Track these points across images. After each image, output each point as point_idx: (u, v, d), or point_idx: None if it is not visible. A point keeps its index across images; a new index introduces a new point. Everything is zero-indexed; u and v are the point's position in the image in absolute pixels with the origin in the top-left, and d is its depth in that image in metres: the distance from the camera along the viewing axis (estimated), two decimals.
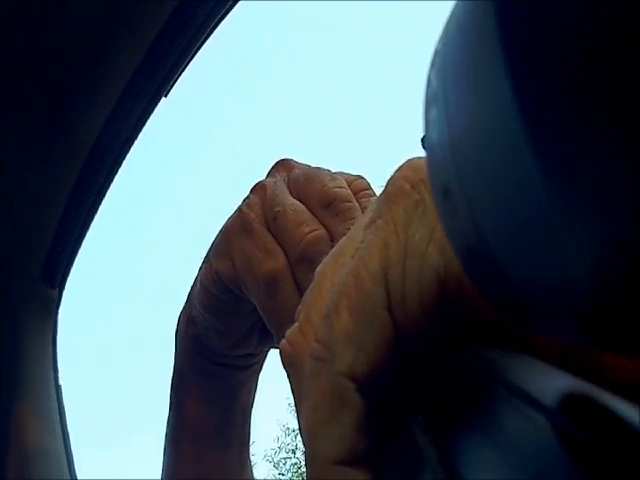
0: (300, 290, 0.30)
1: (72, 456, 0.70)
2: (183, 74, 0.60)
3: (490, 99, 0.09)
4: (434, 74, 0.11)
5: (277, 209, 0.31)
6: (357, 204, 0.31)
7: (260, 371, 0.38)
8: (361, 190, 0.32)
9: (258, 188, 0.33)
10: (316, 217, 0.31)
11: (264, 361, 0.38)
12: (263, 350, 0.37)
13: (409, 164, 0.17)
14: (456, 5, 0.10)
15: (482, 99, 0.09)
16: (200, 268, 0.35)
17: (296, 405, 0.18)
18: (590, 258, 0.08)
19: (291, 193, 0.32)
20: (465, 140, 0.10)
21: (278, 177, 0.34)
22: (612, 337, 0.09)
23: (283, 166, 0.35)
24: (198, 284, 0.34)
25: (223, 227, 0.33)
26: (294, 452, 7.55)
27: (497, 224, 0.10)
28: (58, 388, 0.73)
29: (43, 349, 0.72)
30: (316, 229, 0.30)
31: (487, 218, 0.10)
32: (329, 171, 0.33)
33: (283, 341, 0.19)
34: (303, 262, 0.30)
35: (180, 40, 0.56)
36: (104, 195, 0.67)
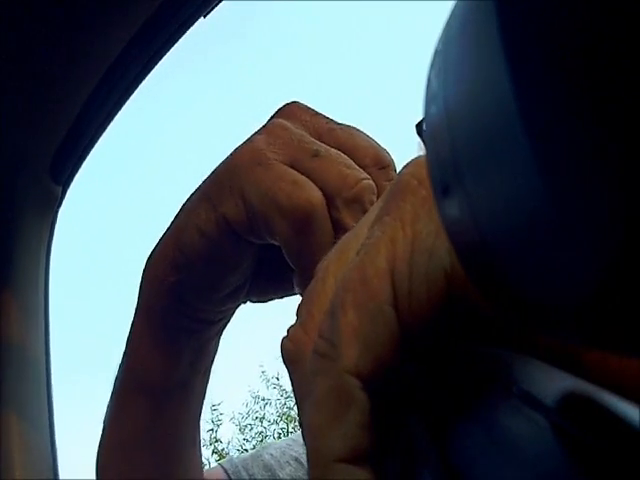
0: (341, 228, 0.27)
1: (50, 356, 0.70)
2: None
3: (491, 99, 0.09)
4: (434, 74, 0.11)
5: (317, 147, 0.28)
6: None
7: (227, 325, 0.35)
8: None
9: (275, 127, 0.29)
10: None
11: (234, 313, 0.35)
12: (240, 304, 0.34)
13: (416, 161, 0.17)
14: (456, 5, 0.10)
15: (482, 99, 0.09)
16: (186, 209, 0.30)
17: (297, 402, 0.18)
18: (591, 256, 0.08)
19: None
20: (464, 139, 0.10)
21: (299, 123, 0.29)
22: (612, 336, 0.09)
23: (299, 110, 0.30)
24: (192, 229, 0.30)
25: (224, 163, 0.29)
26: (261, 421, 7.55)
27: (497, 221, 0.10)
28: (47, 285, 0.72)
29: (38, 243, 0.71)
30: (369, 178, 0.28)
31: (487, 215, 0.10)
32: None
33: (284, 338, 0.18)
34: (353, 205, 0.27)
35: None
36: (123, 103, 0.66)
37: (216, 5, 0.60)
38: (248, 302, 0.34)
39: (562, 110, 0.08)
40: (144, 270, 0.33)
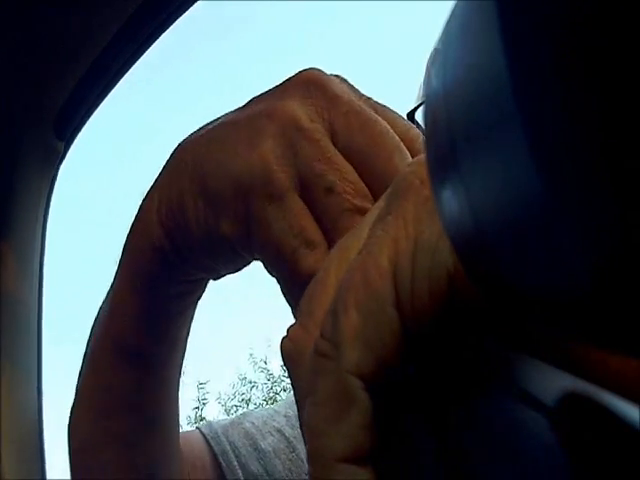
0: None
1: (42, 308, 0.70)
2: None
3: (491, 97, 0.09)
4: (434, 73, 0.11)
5: (332, 178, 0.24)
6: None
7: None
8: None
9: (288, 128, 0.25)
10: (371, 192, 0.24)
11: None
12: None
13: (418, 160, 0.17)
14: (457, 5, 0.10)
15: (482, 97, 0.09)
16: (183, 188, 0.27)
17: (297, 401, 0.18)
18: (588, 247, 0.08)
19: (335, 142, 0.25)
20: (465, 138, 0.10)
21: (314, 113, 0.25)
22: (612, 335, 0.09)
23: (317, 87, 0.26)
24: (190, 217, 0.27)
25: (233, 167, 0.25)
26: (247, 403, 7.55)
27: (494, 212, 0.10)
28: (43, 240, 0.72)
29: (38, 198, 0.71)
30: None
31: (484, 206, 0.10)
32: (389, 128, 0.25)
33: (284, 338, 0.18)
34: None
35: None
36: (131, 64, 0.65)
37: None
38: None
39: (560, 107, 0.08)
40: (132, 227, 0.30)
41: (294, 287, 0.25)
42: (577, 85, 0.08)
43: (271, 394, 7.51)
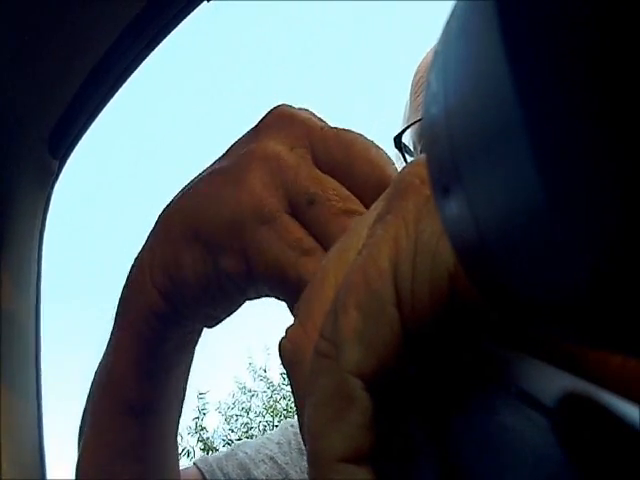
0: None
1: (40, 329, 0.70)
2: None
3: (491, 99, 0.09)
4: (434, 75, 0.11)
5: (314, 190, 0.25)
6: None
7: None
8: None
9: (270, 158, 0.26)
10: (362, 202, 0.25)
11: None
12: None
13: (418, 160, 0.17)
14: (456, 5, 0.10)
15: (482, 99, 0.09)
16: (174, 239, 0.27)
17: (296, 402, 0.18)
18: (589, 255, 0.08)
19: (318, 164, 0.26)
20: (465, 140, 0.10)
21: (292, 141, 0.26)
22: (611, 336, 0.09)
23: (292, 119, 0.27)
24: (188, 268, 0.27)
25: (224, 209, 0.26)
26: (247, 412, 7.49)
27: (496, 221, 0.10)
28: (39, 257, 0.71)
29: (33, 216, 0.71)
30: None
31: (486, 215, 0.10)
32: (363, 137, 0.26)
33: (283, 338, 0.18)
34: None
35: None
36: (124, 81, 0.65)
37: None
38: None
39: (562, 109, 0.08)
40: (123, 293, 0.31)
41: None
42: (579, 87, 0.08)
43: (271, 402, 7.47)
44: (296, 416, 0.18)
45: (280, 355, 0.18)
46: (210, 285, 0.27)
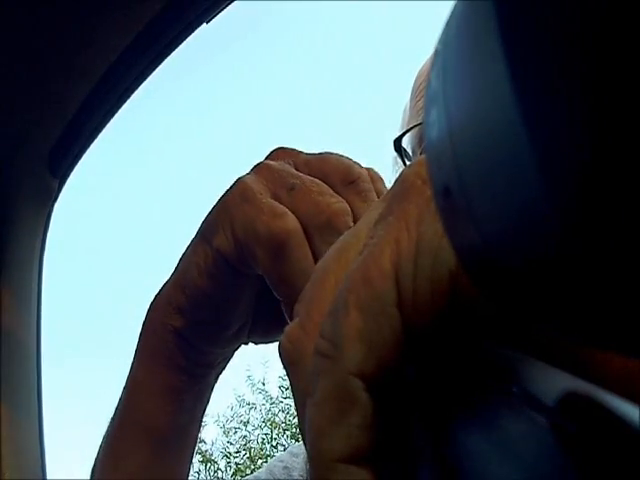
0: (315, 256, 0.29)
1: (40, 349, 0.70)
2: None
3: (491, 102, 0.09)
4: (434, 74, 0.11)
5: (294, 181, 0.30)
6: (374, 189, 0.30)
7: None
8: (376, 179, 0.31)
9: (262, 168, 0.31)
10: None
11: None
12: (240, 346, 0.35)
13: (420, 161, 0.17)
14: (456, 5, 0.10)
15: (482, 99, 0.09)
16: (187, 252, 0.32)
17: (296, 403, 0.18)
18: (594, 259, 0.08)
19: (299, 170, 0.31)
20: (465, 139, 0.10)
21: (281, 159, 0.32)
22: (612, 336, 0.09)
23: (284, 153, 0.33)
24: (192, 268, 0.31)
25: (217, 203, 0.31)
26: (245, 425, 7.47)
27: (498, 224, 0.10)
28: (40, 278, 0.72)
29: (33, 236, 0.71)
30: (341, 201, 0.29)
31: (488, 218, 0.10)
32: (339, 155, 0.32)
33: (283, 338, 0.18)
34: (326, 230, 0.28)
35: None
36: (124, 100, 0.66)
37: (220, 12, 0.61)
38: (250, 344, 0.36)
39: (562, 109, 0.08)
40: (146, 316, 0.34)
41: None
42: (579, 88, 0.08)
43: (269, 415, 7.40)
44: (290, 440, 0.18)
45: (280, 355, 0.18)
46: (213, 280, 0.31)
